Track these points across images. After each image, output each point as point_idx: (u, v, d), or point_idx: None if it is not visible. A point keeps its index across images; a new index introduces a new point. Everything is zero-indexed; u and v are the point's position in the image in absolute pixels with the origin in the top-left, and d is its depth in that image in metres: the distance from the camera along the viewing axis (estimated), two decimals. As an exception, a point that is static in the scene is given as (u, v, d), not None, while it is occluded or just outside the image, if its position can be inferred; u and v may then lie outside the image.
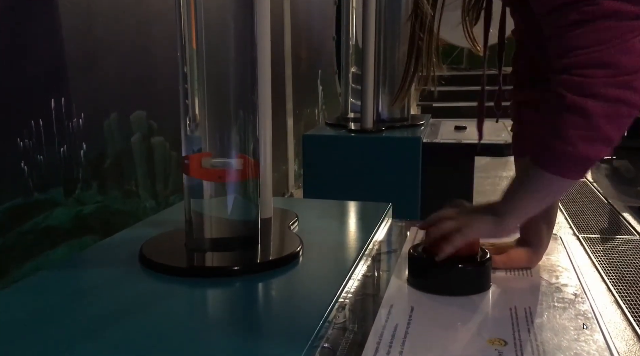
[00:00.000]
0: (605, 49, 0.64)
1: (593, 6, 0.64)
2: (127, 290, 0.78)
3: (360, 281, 0.85)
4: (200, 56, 0.83)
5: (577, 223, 2.90)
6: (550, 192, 0.75)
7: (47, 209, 1.19)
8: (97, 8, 1.35)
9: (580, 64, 0.65)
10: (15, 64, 1.11)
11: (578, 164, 0.69)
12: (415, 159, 2.04)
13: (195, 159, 0.85)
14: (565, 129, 0.67)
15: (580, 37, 0.65)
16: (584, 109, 0.65)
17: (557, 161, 0.69)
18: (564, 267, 0.90)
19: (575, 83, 0.65)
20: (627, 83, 0.64)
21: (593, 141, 0.66)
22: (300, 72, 3.43)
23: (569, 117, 0.66)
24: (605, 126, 0.65)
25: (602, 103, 0.64)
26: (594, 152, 0.67)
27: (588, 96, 0.65)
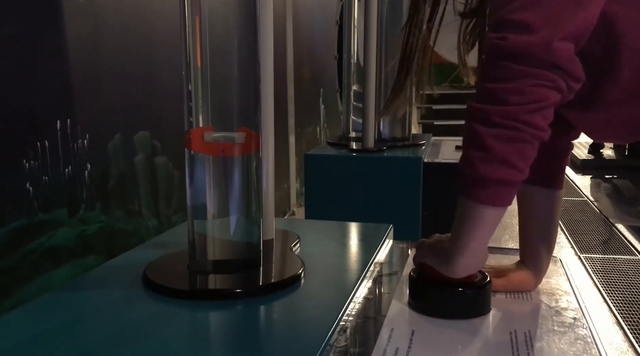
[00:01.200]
0: (499, 84, 0.69)
1: (502, 41, 0.68)
2: (131, 313, 0.79)
3: (361, 304, 0.86)
4: (205, 74, 0.84)
5: (578, 243, 2.89)
6: (480, 222, 0.74)
7: (51, 229, 1.20)
8: (103, 31, 1.37)
9: (481, 93, 0.71)
10: (23, 86, 1.13)
11: (486, 187, 0.71)
12: (417, 179, 2.05)
13: (197, 134, 0.85)
14: (468, 153, 0.72)
15: (487, 68, 0.71)
16: (476, 131, 0.70)
17: (470, 187, 0.72)
18: (563, 290, 0.91)
19: (471, 108, 0.72)
20: (510, 114, 0.68)
21: (489, 161, 0.70)
22: (302, 91, 3.46)
23: (469, 141, 0.72)
24: (496, 146, 0.69)
25: (490, 127, 0.69)
26: (494, 173, 0.70)
27: (477, 121, 0.70)
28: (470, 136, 0.71)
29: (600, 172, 4.37)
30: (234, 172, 0.88)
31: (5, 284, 1.09)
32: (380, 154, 2.17)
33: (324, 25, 4.02)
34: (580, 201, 3.78)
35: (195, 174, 0.88)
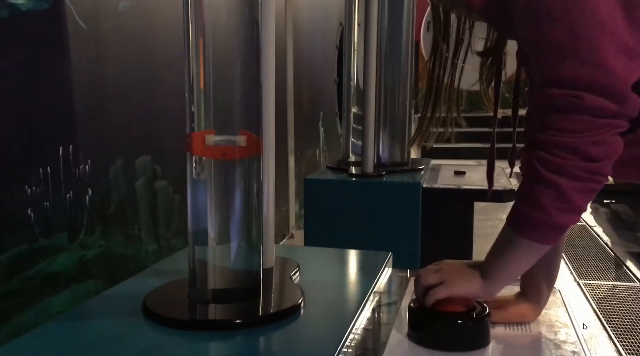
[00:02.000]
0: (579, 138, 0.71)
1: (578, 99, 0.71)
2: (131, 344, 0.78)
3: (360, 335, 0.86)
4: (208, 96, 0.85)
5: (577, 269, 2.89)
6: (528, 257, 0.80)
7: (51, 254, 1.20)
8: (105, 58, 1.39)
9: (557, 145, 0.73)
10: (27, 113, 1.15)
11: (554, 232, 0.76)
12: (416, 204, 2.06)
13: (198, 137, 0.85)
14: (542, 201, 0.74)
15: (560, 121, 0.72)
16: (557, 185, 0.73)
17: (535, 230, 0.76)
18: (562, 322, 0.91)
19: (550, 161, 0.73)
20: (594, 169, 0.72)
21: (567, 211, 0.74)
22: (302, 114, 3.49)
23: (545, 190, 0.74)
24: (577, 198, 0.73)
25: (573, 181, 0.72)
26: (567, 221, 0.75)
27: (560, 174, 0.72)
28: (548, 186, 0.73)
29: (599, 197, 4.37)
30: (235, 195, 0.89)
31: (5, 311, 1.08)
32: (379, 179, 2.18)
33: (324, 49, 4.07)
34: (578, 227, 3.78)
35: (196, 197, 0.89)
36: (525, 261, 0.81)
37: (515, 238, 0.78)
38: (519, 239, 0.78)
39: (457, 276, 0.83)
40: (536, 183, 0.74)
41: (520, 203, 0.77)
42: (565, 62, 0.72)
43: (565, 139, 0.72)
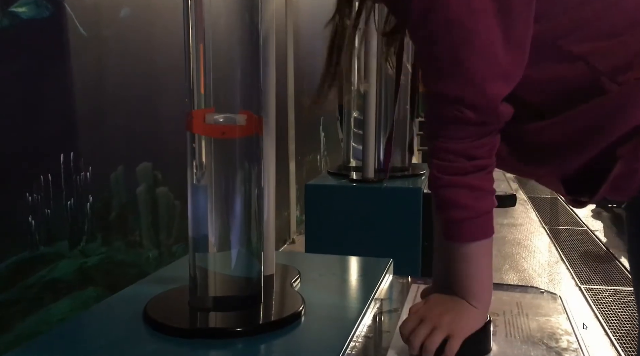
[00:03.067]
0: (462, 143, 0.79)
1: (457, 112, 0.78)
2: (131, 352, 0.78)
3: (361, 343, 0.86)
4: (208, 101, 0.85)
5: (578, 274, 2.89)
6: (485, 256, 0.83)
7: (52, 262, 1.20)
8: (106, 65, 1.40)
9: (446, 151, 0.80)
10: (27, 120, 1.15)
11: (487, 220, 0.81)
12: (416, 209, 2.05)
13: (199, 115, 0.84)
14: (459, 201, 0.79)
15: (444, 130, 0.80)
16: (460, 183, 0.79)
17: (472, 228, 0.80)
18: (564, 330, 0.91)
19: (443, 166, 0.80)
20: (482, 165, 0.80)
21: (482, 197, 0.80)
22: (302, 118, 3.49)
23: (454, 191, 0.80)
24: (480, 184, 0.80)
25: (469, 175, 0.79)
26: (489, 204, 0.81)
27: (456, 175, 0.80)
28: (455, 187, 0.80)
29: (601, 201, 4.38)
30: (236, 201, 0.89)
31: (6, 318, 1.08)
32: (380, 185, 2.18)
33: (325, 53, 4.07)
34: (580, 231, 3.78)
35: (197, 203, 0.89)
36: (487, 259, 0.83)
37: (464, 247, 0.81)
38: (468, 247, 0.81)
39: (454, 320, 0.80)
40: (444, 190, 0.80)
41: (445, 214, 0.81)
42: (444, 81, 0.79)
43: (452, 145, 0.79)
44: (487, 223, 0.81)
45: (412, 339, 0.80)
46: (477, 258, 0.82)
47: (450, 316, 0.81)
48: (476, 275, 0.82)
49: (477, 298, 0.82)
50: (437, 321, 0.80)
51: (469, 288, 0.82)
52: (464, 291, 0.82)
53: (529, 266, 3.08)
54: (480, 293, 0.82)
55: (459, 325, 0.80)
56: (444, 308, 0.82)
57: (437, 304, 0.84)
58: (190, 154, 0.88)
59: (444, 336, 0.79)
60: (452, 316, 0.81)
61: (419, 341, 0.79)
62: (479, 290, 0.82)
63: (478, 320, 0.82)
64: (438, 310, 0.82)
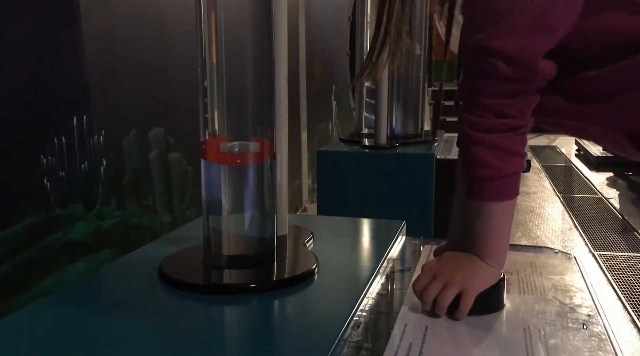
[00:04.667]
0: (497, 100, 0.78)
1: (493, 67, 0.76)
2: (148, 307, 0.80)
3: (374, 300, 0.86)
4: (220, 70, 0.85)
5: (592, 240, 2.88)
6: (507, 215, 0.82)
7: (67, 224, 1.22)
8: (118, 28, 1.39)
9: (478, 106, 0.78)
10: (40, 83, 1.15)
11: (513, 182, 0.80)
12: (429, 175, 2.05)
13: (212, 144, 0.86)
14: (487, 160, 0.78)
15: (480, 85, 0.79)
16: (489, 141, 0.78)
17: (497, 188, 0.80)
18: (578, 288, 0.90)
19: (475, 122, 0.79)
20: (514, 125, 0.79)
21: (510, 160, 0.79)
22: (314, 87, 3.46)
23: (483, 150, 0.78)
24: (511, 146, 0.79)
25: (499, 134, 0.78)
26: (517, 167, 0.80)
27: (487, 132, 0.78)
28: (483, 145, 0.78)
29: (615, 169, 4.34)
30: (249, 172, 0.89)
31: (23, 279, 1.10)
32: (392, 151, 2.17)
33: (337, 21, 4.02)
34: (594, 199, 3.75)
35: (210, 172, 0.89)
36: (508, 221, 0.83)
37: (485, 206, 0.80)
38: (490, 206, 0.80)
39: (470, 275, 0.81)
40: (473, 146, 0.79)
41: (470, 171, 0.81)
42: (485, 33, 0.77)
43: (483, 100, 0.78)
44: (512, 184, 0.80)
45: (424, 295, 0.80)
46: (498, 218, 0.82)
47: (463, 273, 0.81)
48: (494, 235, 0.82)
49: (492, 258, 0.82)
50: (450, 277, 0.80)
51: (485, 247, 0.82)
52: (480, 250, 0.82)
53: (542, 233, 3.07)
54: (496, 253, 0.82)
55: (472, 281, 0.80)
56: (457, 265, 0.82)
57: (450, 261, 0.84)
58: (202, 122, 0.88)
59: (456, 292, 0.79)
60: (466, 273, 0.81)
61: (431, 297, 0.80)
62: (495, 250, 0.82)
63: (491, 278, 0.82)
64: (451, 266, 0.82)
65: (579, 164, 4.95)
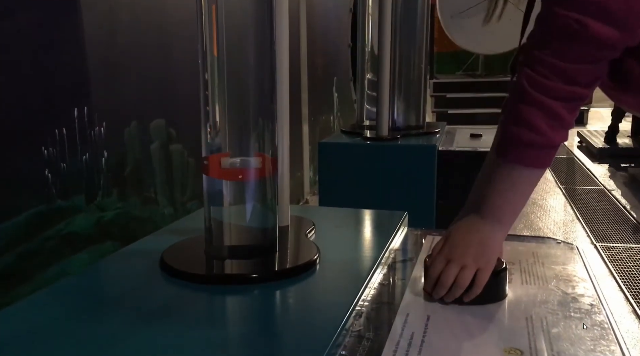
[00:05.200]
0: (570, 64, 0.72)
1: (581, 26, 0.69)
2: (149, 297, 0.80)
3: (376, 290, 0.86)
4: (221, 63, 0.85)
5: (594, 232, 2.87)
6: (530, 185, 0.80)
7: (69, 215, 1.22)
8: (119, 19, 1.38)
9: (547, 66, 0.72)
10: (41, 75, 1.14)
11: (551, 151, 0.77)
12: (431, 167, 2.04)
13: (214, 160, 0.87)
14: (535, 122, 0.74)
15: (557, 43, 0.72)
16: (545, 104, 0.73)
17: (534, 153, 0.76)
18: (580, 277, 0.90)
19: (537, 81, 0.73)
20: (578, 93, 0.74)
21: (558, 128, 0.75)
22: (316, 79, 3.45)
23: (534, 111, 0.74)
24: (565, 115, 0.74)
25: (559, 101, 0.73)
26: (561, 137, 0.76)
27: (546, 95, 0.73)
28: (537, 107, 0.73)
29: (617, 160, 4.33)
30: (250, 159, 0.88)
31: (26, 269, 1.10)
32: (394, 142, 2.16)
33: (338, 13, 4.00)
34: (596, 190, 3.75)
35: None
36: (529, 190, 0.80)
37: (513, 170, 0.77)
38: (518, 170, 0.77)
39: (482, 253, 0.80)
40: (527, 106, 0.74)
41: (513, 130, 0.76)
42: None
43: (556, 61, 0.72)
44: (551, 155, 0.77)
45: (443, 279, 0.79)
46: (524, 185, 0.79)
47: (474, 251, 0.80)
48: (514, 202, 0.80)
49: (502, 222, 0.81)
50: (464, 259, 0.79)
51: (501, 214, 0.80)
52: (491, 212, 0.80)
53: (544, 225, 3.07)
54: (508, 222, 0.81)
55: (484, 257, 0.80)
56: (466, 243, 0.81)
57: (458, 241, 0.82)
58: (204, 115, 0.87)
59: (474, 272, 0.79)
60: (477, 250, 0.80)
61: (450, 279, 0.79)
62: (509, 218, 0.81)
63: (500, 245, 0.81)
64: (461, 247, 0.81)
65: (581, 155, 4.94)
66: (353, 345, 0.69)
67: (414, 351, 0.66)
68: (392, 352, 0.66)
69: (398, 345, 0.68)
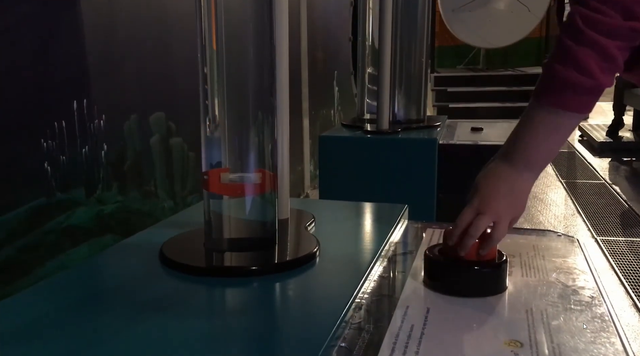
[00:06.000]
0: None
1: None
2: (149, 289, 0.79)
3: (376, 282, 0.86)
4: (220, 57, 0.84)
5: (595, 225, 2.87)
6: (566, 130, 0.76)
7: (69, 208, 1.21)
8: (118, 12, 1.37)
9: (609, 1, 0.69)
10: (40, 67, 1.14)
11: (596, 96, 0.72)
12: (432, 160, 2.04)
13: (214, 175, 0.87)
14: (587, 63, 0.70)
15: None
16: (601, 45, 0.69)
17: (579, 96, 0.72)
18: (581, 270, 0.90)
19: (593, 19, 0.70)
20: (637, 28, 0.69)
21: (610, 71, 0.71)
22: (316, 73, 3.45)
23: (587, 52, 0.70)
24: (618, 56, 0.71)
25: (616, 40, 0.69)
26: (610, 81, 0.72)
27: (603, 34, 0.69)
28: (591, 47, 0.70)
29: (619, 154, 4.32)
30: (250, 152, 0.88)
31: (26, 262, 1.10)
32: (394, 136, 2.16)
33: (339, 7, 3.99)
34: (597, 184, 3.74)
35: (211, 155, 0.88)
36: (564, 136, 0.76)
37: (554, 113, 0.73)
38: (558, 113, 0.73)
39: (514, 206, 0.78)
40: (577, 43, 0.70)
41: (565, 73, 0.71)
42: None
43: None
44: (594, 100, 0.73)
45: (471, 230, 0.78)
46: (561, 130, 0.75)
47: (506, 202, 0.78)
48: (547, 147, 0.77)
49: (534, 169, 0.78)
50: (496, 212, 0.78)
51: (531, 156, 0.77)
52: (523, 158, 0.77)
53: (545, 218, 3.07)
54: (539, 165, 0.78)
55: (516, 208, 0.79)
56: (497, 194, 0.79)
57: (489, 192, 0.80)
58: (203, 109, 0.87)
59: (507, 224, 0.78)
60: (508, 202, 0.78)
61: (479, 232, 0.78)
62: (539, 162, 0.78)
63: (528, 192, 0.79)
64: (492, 199, 0.79)
65: (582, 149, 4.93)
66: (353, 337, 0.68)
67: (414, 344, 0.66)
68: (391, 344, 0.66)
69: (397, 337, 0.68)
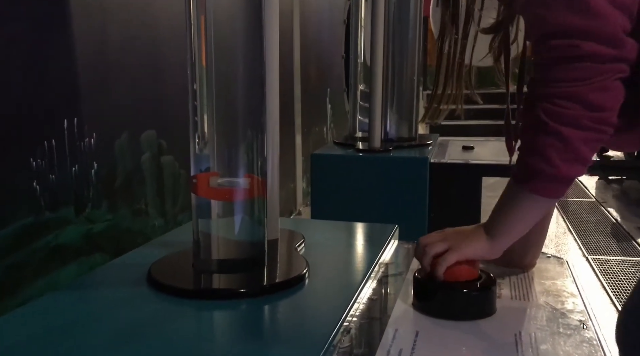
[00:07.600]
0: (582, 86, 0.72)
1: (574, 48, 0.72)
2: (136, 312, 0.79)
3: (365, 304, 0.86)
4: (210, 74, 0.84)
5: (586, 244, 2.88)
6: (534, 211, 0.81)
7: (58, 227, 1.20)
8: (109, 30, 1.38)
9: (560, 96, 0.73)
10: (30, 85, 1.14)
11: (560, 184, 0.76)
12: (423, 179, 2.05)
13: (203, 179, 0.86)
14: (547, 153, 0.74)
15: (561, 71, 0.73)
16: (563, 135, 0.73)
17: (541, 183, 0.76)
18: (569, 292, 0.90)
19: (554, 111, 0.73)
20: (599, 118, 0.72)
21: (572, 161, 0.74)
22: (309, 91, 3.46)
23: (549, 141, 0.74)
24: (582, 149, 0.73)
25: (578, 130, 0.72)
26: (574, 172, 0.75)
27: (565, 124, 0.72)
28: (553, 137, 0.73)
29: (609, 173, 4.34)
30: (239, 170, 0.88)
31: (13, 282, 1.09)
32: (386, 154, 2.16)
33: (332, 24, 4.02)
34: (588, 202, 3.76)
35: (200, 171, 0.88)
36: (531, 216, 0.81)
37: (520, 193, 0.79)
38: (524, 194, 0.78)
39: (463, 240, 0.83)
40: (540, 135, 0.74)
41: (525, 157, 0.77)
42: (558, 14, 0.72)
43: (567, 88, 0.73)
44: (563, 187, 0.76)
45: (428, 249, 0.84)
46: (526, 209, 0.80)
47: (463, 238, 0.83)
48: (517, 224, 0.81)
49: (499, 241, 0.82)
50: (454, 243, 0.83)
51: (500, 229, 0.82)
52: (494, 227, 0.82)
53: (536, 237, 3.06)
54: (504, 239, 0.82)
55: (464, 243, 0.83)
56: (463, 235, 0.84)
57: (460, 231, 0.86)
58: (192, 125, 0.87)
59: (455, 258, 0.81)
60: (468, 242, 0.83)
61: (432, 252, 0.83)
62: (506, 236, 0.82)
63: (483, 251, 0.83)
64: (457, 234, 0.85)
65: (573, 168, 4.95)
66: (341, 361, 0.68)
67: (402, 368, 0.66)
68: (379, 369, 0.66)
69: (386, 361, 0.67)
